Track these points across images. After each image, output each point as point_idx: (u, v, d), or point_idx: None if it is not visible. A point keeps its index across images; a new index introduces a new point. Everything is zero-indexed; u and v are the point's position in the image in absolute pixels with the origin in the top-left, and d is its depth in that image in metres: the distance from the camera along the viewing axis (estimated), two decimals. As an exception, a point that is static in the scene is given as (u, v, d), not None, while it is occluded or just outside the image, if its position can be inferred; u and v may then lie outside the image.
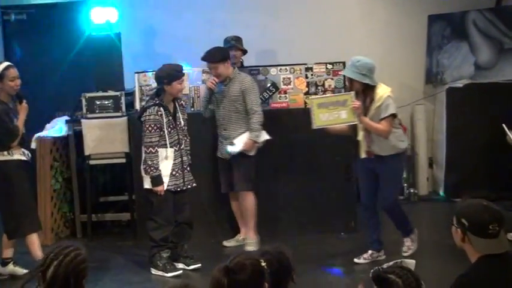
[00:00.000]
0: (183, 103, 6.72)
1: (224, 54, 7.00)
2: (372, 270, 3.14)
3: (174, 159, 6.33)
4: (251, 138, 6.78)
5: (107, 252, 7.20)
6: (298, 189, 7.34)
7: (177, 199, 6.43)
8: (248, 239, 7.00)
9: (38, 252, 6.22)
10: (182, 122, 6.45)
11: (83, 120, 7.57)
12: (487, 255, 3.31)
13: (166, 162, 6.31)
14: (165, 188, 6.30)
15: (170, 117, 6.33)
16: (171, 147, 6.32)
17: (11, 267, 6.46)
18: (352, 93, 6.28)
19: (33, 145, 7.56)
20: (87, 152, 7.55)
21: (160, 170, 6.29)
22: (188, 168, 6.44)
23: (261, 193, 7.24)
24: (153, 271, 6.43)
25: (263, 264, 3.12)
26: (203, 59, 6.97)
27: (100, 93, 7.66)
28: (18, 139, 6.22)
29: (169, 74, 6.32)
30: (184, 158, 6.41)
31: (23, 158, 6.32)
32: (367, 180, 6.47)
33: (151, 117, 6.24)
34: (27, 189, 6.42)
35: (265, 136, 6.86)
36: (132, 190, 7.60)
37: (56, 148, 7.71)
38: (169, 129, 6.29)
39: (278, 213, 7.42)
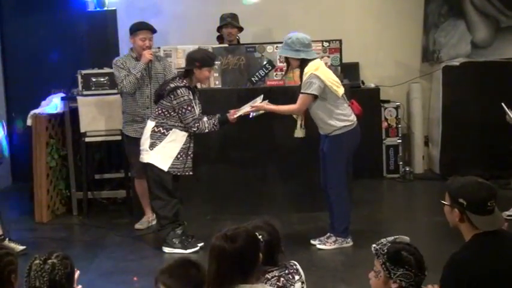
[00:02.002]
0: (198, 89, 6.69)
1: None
2: (374, 246, 3.17)
3: (184, 144, 6.28)
4: None
5: (102, 229, 7.20)
6: (293, 166, 7.34)
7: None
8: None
9: None
10: (197, 110, 6.39)
11: (78, 97, 7.55)
12: (482, 232, 3.32)
13: (174, 144, 6.24)
14: (166, 169, 6.25)
15: (194, 101, 6.29)
16: (186, 131, 6.27)
17: (6, 244, 6.47)
18: (261, 96, 6.35)
19: (28, 122, 7.56)
20: (83, 129, 7.54)
21: (213, 117, 6.30)
22: (192, 155, 6.37)
23: (257, 171, 7.29)
24: (167, 250, 6.32)
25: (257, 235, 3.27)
26: (145, 27, 6.90)
27: (96, 70, 7.64)
28: None
29: (204, 59, 6.25)
30: (192, 144, 6.36)
31: None
32: (321, 160, 6.34)
33: (186, 97, 6.16)
34: None
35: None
36: (127, 167, 7.60)
37: (52, 125, 7.69)
38: None
39: (272, 191, 7.42)
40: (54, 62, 9.02)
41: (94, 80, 7.57)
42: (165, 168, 6.24)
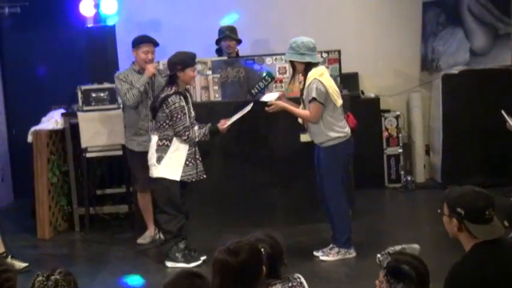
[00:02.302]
0: (191, 94, 6.71)
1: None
2: (378, 256, 3.16)
3: (189, 150, 6.28)
4: None
5: (105, 245, 7.20)
6: (294, 178, 7.34)
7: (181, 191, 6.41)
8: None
9: None
10: (193, 112, 6.42)
11: (79, 113, 7.56)
12: (481, 242, 3.32)
13: (179, 152, 6.25)
14: (179, 179, 6.25)
15: (187, 106, 6.30)
16: (179, 137, 6.27)
17: (9, 262, 6.46)
18: (251, 104, 6.40)
19: (29, 139, 7.56)
20: (83, 145, 7.54)
21: (204, 126, 6.34)
22: (200, 158, 6.37)
23: (258, 182, 7.29)
24: (170, 264, 6.32)
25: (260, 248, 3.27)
26: (147, 40, 6.94)
27: (95, 86, 7.65)
28: None
29: (184, 60, 6.27)
30: (197, 148, 6.35)
31: None
32: (317, 171, 6.32)
33: (177, 104, 6.17)
34: None
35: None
36: (129, 182, 7.59)
37: (53, 141, 7.70)
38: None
39: (274, 203, 7.41)
40: (54, 78, 9.03)
41: (94, 95, 7.57)
42: (177, 177, 6.24)
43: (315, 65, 6.13)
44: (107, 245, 7.18)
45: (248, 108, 6.44)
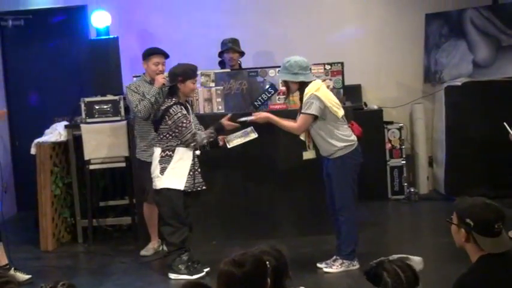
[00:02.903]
0: (193, 105, 6.72)
1: None
2: (370, 263, 3.15)
3: (192, 160, 6.27)
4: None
5: (108, 256, 7.19)
6: (298, 190, 7.33)
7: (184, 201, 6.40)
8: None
9: (1, 261, 6.37)
10: (193, 123, 6.45)
11: (82, 125, 7.57)
12: (488, 254, 3.30)
13: (183, 162, 6.25)
14: (183, 188, 6.25)
15: (189, 116, 6.32)
16: (187, 146, 6.29)
17: (11, 274, 6.46)
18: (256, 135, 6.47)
19: (32, 151, 7.57)
20: (86, 157, 7.55)
21: (206, 132, 6.37)
22: (199, 170, 6.37)
23: (261, 194, 7.29)
24: (173, 276, 6.31)
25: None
26: (158, 51, 6.98)
27: (99, 98, 7.66)
28: None
29: (185, 72, 6.29)
30: (197, 160, 6.36)
31: None
32: (326, 181, 6.34)
33: (179, 114, 6.19)
34: None
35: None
36: (132, 194, 7.59)
37: (56, 153, 7.71)
38: None
39: (277, 215, 7.40)
40: (57, 91, 9.05)
41: (97, 107, 7.58)
42: (181, 187, 6.24)
43: (309, 83, 6.13)
44: (110, 257, 7.17)
45: (253, 135, 6.50)
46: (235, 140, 6.51)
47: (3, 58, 9.42)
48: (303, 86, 6.13)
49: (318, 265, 6.35)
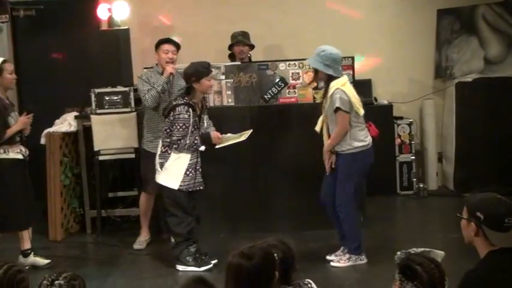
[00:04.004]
0: (208, 104, 6.70)
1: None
2: (398, 254, 3.14)
3: (190, 160, 6.29)
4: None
5: (116, 247, 7.22)
6: (306, 184, 7.32)
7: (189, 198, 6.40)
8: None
9: (25, 245, 6.51)
10: (205, 124, 6.44)
11: (92, 116, 7.58)
12: (497, 249, 3.30)
13: (181, 161, 6.26)
14: (177, 188, 6.26)
15: (196, 118, 6.28)
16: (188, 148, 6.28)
17: (31, 258, 6.53)
18: (250, 130, 6.38)
19: (42, 141, 7.59)
20: (96, 148, 7.56)
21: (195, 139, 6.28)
22: (200, 169, 6.37)
23: (269, 188, 7.28)
24: (181, 268, 6.33)
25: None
26: (168, 40, 6.98)
27: (109, 89, 7.66)
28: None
29: (198, 71, 6.27)
30: (199, 159, 6.35)
31: (19, 156, 6.39)
32: (330, 176, 6.30)
33: (181, 116, 6.18)
34: (20, 187, 6.41)
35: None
36: (141, 185, 7.60)
37: (66, 144, 7.73)
38: (192, 130, 6.25)
39: (285, 208, 7.40)
40: (68, 81, 9.06)
41: (107, 98, 7.58)
42: (176, 186, 6.25)
43: (336, 77, 6.13)
44: (118, 248, 7.19)
45: (247, 134, 6.46)
46: (225, 142, 6.47)
47: (14, 48, 9.42)
48: (330, 79, 6.12)
49: (327, 257, 6.36)
